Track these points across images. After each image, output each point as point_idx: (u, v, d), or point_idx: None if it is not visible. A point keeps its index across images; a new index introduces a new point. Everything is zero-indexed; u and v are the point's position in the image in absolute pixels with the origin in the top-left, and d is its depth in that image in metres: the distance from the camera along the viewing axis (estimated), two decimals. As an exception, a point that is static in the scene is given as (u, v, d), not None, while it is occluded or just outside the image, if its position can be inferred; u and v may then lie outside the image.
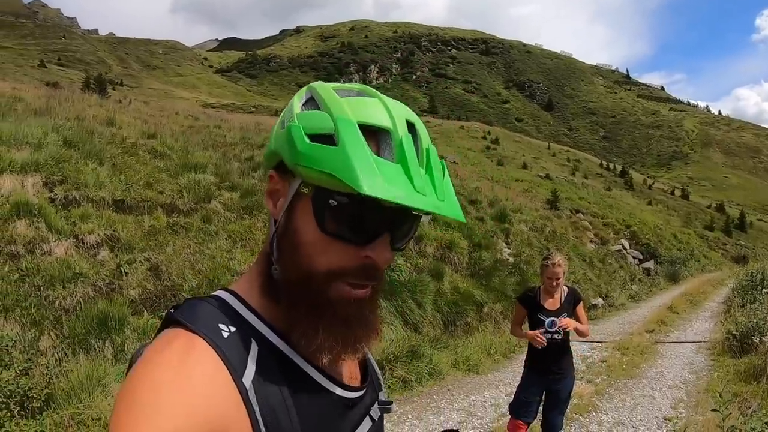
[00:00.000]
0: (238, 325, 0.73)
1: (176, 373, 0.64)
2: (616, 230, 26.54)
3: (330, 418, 0.78)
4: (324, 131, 0.68)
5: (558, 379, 3.93)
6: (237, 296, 0.78)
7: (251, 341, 0.72)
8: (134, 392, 0.62)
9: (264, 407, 0.69)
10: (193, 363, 0.65)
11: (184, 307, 0.74)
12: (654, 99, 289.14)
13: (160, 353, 0.67)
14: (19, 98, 12.03)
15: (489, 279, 11.34)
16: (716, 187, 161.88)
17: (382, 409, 0.91)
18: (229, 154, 12.12)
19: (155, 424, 0.59)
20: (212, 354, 0.67)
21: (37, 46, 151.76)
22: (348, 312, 0.73)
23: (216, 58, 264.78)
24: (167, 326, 0.73)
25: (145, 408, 0.60)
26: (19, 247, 5.44)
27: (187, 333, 0.69)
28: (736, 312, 10.49)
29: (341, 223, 0.70)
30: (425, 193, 0.67)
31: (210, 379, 0.65)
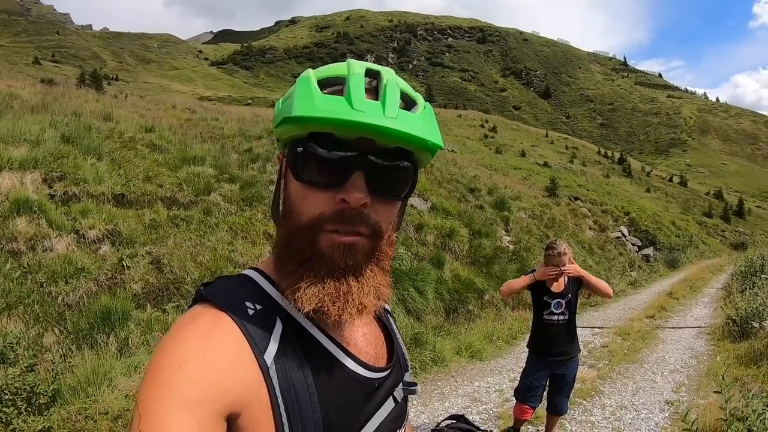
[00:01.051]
0: (264, 303, 0.75)
1: (201, 347, 0.67)
2: (615, 217, 26.56)
3: (351, 398, 0.78)
4: (289, 95, 0.75)
5: (564, 362, 3.94)
6: (264, 274, 0.80)
7: (276, 319, 0.74)
8: (160, 364, 0.65)
9: (284, 385, 0.70)
10: (217, 338, 0.68)
11: (213, 284, 0.77)
12: (652, 86, 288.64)
13: (187, 327, 0.70)
14: (15, 95, 11.95)
15: (489, 266, 11.36)
16: (714, 174, 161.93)
17: (406, 390, 0.91)
18: (227, 147, 12.09)
19: (178, 394, 0.62)
20: (236, 330, 0.70)
21: (30, 43, 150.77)
22: (336, 260, 0.73)
23: (211, 51, 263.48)
24: (197, 302, 0.75)
25: (169, 379, 0.63)
26: (20, 244, 5.43)
27: (213, 309, 0.72)
28: (735, 297, 10.53)
29: (312, 167, 0.72)
30: (363, 110, 0.68)
31: (233, 355, 0.68)
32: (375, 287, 0.76)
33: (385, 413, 0.85)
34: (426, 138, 0.72)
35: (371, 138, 0.71)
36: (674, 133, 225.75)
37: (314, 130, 0.70)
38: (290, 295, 0.73)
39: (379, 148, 0.72)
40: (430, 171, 16.55)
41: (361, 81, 0.72)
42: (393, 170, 0.75)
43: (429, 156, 0.78)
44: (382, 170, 0.73)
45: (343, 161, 0.71)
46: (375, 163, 0.72)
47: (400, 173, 0.76)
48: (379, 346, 0.90)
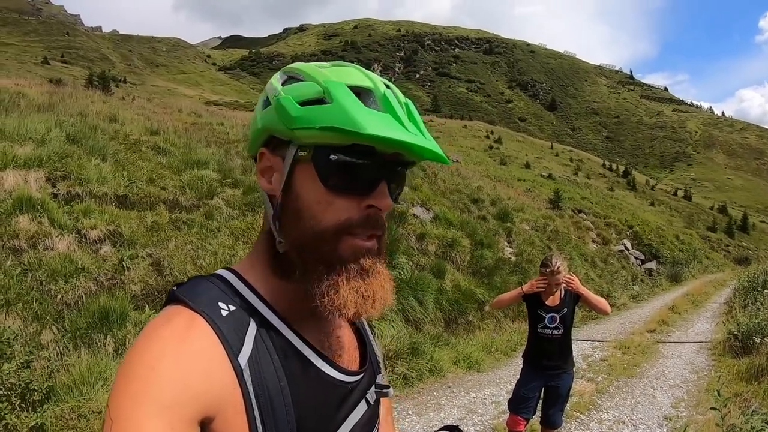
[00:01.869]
0: (238, 304, 0.74)
1: (174, 349, 0.65)
2: (618, 230, 26.53)
3: (325, 401, 0.78)
4: (313, 96, 0.73)
5: (557, 375, 3.90)
6: (238, 275, 0.79)
7: (249, 320, 0.73)
8: (133, 366, 0.64)
9: (258, 387, 0.70)
10: (192, 340, 0.67)
11: (186, 285, 0.76)
12: (657, 100, 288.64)
13: (161, 329, 0.68)
14: (23, 94, 12.01)
15: (491, 277, 11.34)
16: (719, 188, 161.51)
17: (378, 392, 0.91)
18: (231, 151, 12.11)
19: (151, 396, 0.61)
20: (210, 332, 0.69)
21: (40, 43, 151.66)
22: (362, 264, 0.75)
23: (219, 56, 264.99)
24: (170, 303, 0.74)
25: (142, 380, 0.62)
26: (21, 241, 5.45)
27: (187, 310, 0.71)
28: (737, 313, 10.47)
29: (343, 175, 0.72)
30: (416, 133, 0.72)
31: (207, 357, 0.67)
32: (389, 282, 0.79)
33: (359, 416, 0.84)
34: (446, 158, 0.77)
35: (403, 153, 0.75)
36: (679, 147, 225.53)
37: (360, 142, 0.71)
38: (329, 303, 0.73)
39: (401, 160, 0.76)
40: (433, 181, 16.58)
41: (394, 99, 0.75)
42: (402, 179, 0.80)
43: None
44: (397, 178, 0.78)
45: (376, 171, 0.74)
46: (397, 172, 0.77)
47: (403, 179, 0.81)
48: (352, 349, 0.90)
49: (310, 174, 0.74)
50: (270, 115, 0.76)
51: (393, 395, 0.98)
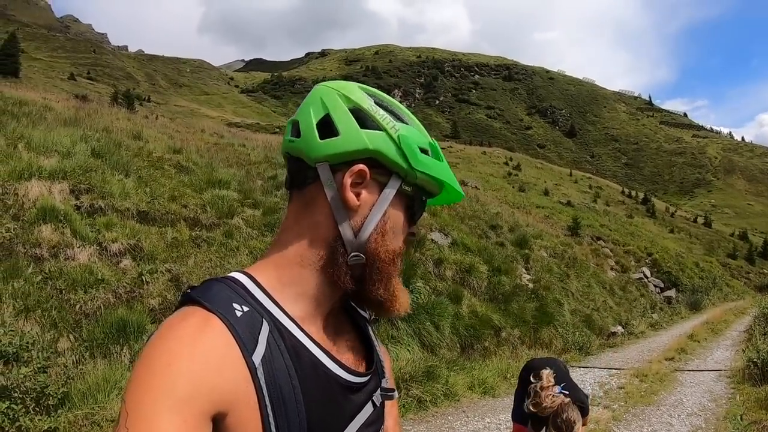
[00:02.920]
0: (251, 306, 0.76)
1: (190, 346, 0.68)
2: (637, 258, 26.20)
3: (334, 400, 0.80)
4: (424, 146, 0.87)
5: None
6: (252, 278, 0.81)
7: (263, 321, 0.76)
8: (149, 362, 0.66)
9: (271, 385, 0.72)
10: (207, 338, 0.69)
11: (201, 287, 0.78)
12: (677, 125, 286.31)
13: (176, 327, 0.71)
14: (50, 108, 12.32)
15: (508, 304, 11.24)
16: (739, 214, 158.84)
17: (384, 395, 0.93)
18: (252, 172, 12.26)
19: (166, 391, 0.63)
20: (225, 331, 0.71)
21: (67, 60, 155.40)
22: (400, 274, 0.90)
23: (242, 79, 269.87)
24: (184, 304, 0.76)
25: (158, 376, 0.64)
26: (43, 250, 5.56)
27: (202, 310, 0.73)
28: (757, 340, 10.25)
29: (419, 213, 0.90)
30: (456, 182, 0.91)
31: (221, 354, 0.69)
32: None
33: (365, 417, 0.87)
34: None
35: None
36: (699, 173, 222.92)
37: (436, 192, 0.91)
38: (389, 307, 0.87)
39: None
40: (452, 207, 16.56)
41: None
42: None
43: None
44: None
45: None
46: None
47: None
48: (359, 352, 0.92)
49: (402, 205, 0.86)
50: (384, 141, 0.83)
51: (397, 398, 1.00)
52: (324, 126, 0.83)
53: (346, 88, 0.86)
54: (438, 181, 0.87)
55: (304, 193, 0.85)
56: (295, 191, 0.87)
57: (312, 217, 0.84)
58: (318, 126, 0.83)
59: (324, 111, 0.84)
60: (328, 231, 0.83)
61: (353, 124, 0.82)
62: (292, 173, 0.87)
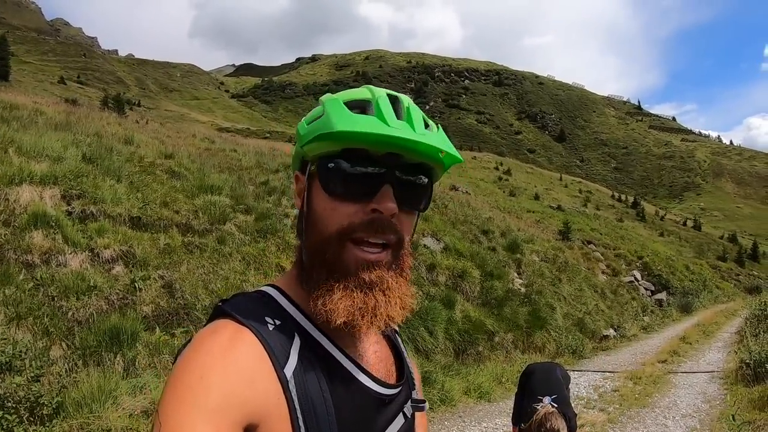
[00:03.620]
0: (283, 319, 0.77)
1: (222, 359, 0.68)
2: (628, 261, 26.34)
3: (365, 412, 0.80)
4: (317, 115, 0.80)
5: None
6: (281, 291, 0.82)
7: (294, 334, 0.76)
8: (182, 374, 0.67)
9: (302, 398, 0.72)
10: (239, 351, 0.69)
11: (233, 300, 0.79)
12: (665, 130, 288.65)
13: (209, 340, 0.71)
14: (40, 112, 12.22)
15: (501, 308, 11.27)
16: (728, 217, 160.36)
17: (414, 407, 0.93)
18: (244, 178, 12.22)
19: (199, 403, 0.63)
20: (257, 344, 0.71)
21: (57, 63, 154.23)
22: (364, 275, 0.76)
23: (232, 83, 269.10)
24: (216, 317, 0.77)
25: (191, 388, 0.65)
26: (35, 256, 5.50)
27: (234, 323, 0.73)
28: (749, 341, 10.34)
29: (342, 181, 0.77)
30: (398, 127, 0.75)
31: (254, 367, 0.69)
32: (400, 298, 0.80)
33: (396, 429, 0.86)
34: (450, 151, 0.79)
35: (400, 153, 0.77)
36: (688, 177, 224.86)
37: (349, 146, 0.75)
38: (321, 306, 0.75)
39: (404, 164, 0.78)
40: (444, 212, 16.58)
41: (387, 102, 0.78)
42: (415, 184, 0.81)
43: (442, 171, 0.85)
44: (406, 184, 0.79)
45: (374, 176, 0.77)
46: (401, 177, 0.78)
47: (420, 187, 0.82)
48: (389, 364, 0.92)
49: (318, 185, 0.80)
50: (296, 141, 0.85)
51: (427, 409, 1.00)
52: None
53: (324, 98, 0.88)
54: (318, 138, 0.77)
55: None
56: None
57: None
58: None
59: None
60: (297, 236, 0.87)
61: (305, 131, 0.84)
62: None
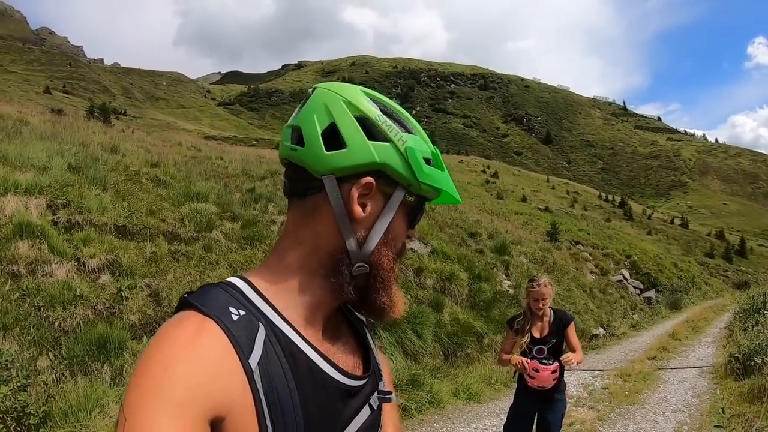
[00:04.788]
0: (248, 309, 0.76)
1: (187, 350, 0.68)
2: (616, 261, 26.52)
3: (331, 403, 0.81)
4: (427, 156, 0.87)
5: (548, 404, 3.83)
6: (249, 283, 0.82)
7: (259, 325, 0.76)
8: (147, 367, 0.67)
9: (268, 388, 0.72)
10: (203, 342, 0.69)
11: (198, 291, 0.79)
12: (651, 129, 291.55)
13: (173, 332, 0.71)
14: (25, 122, 12.09)
15: (489, 310, 11.27)
16: (715, 214, 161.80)
17: (381, 398, 0.94)
18: (230, 185, 12.16)
19: (164, 396, 0.63)
20: (222, 335, 0.71)
21: (42, 73, 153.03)
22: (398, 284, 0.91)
23: (218, 91, 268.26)
24: (181, 309, 0.76)
25: (156, 380, 0.65)
26: (20, 267, 5.45)
27: (199, 315, 0.73)
28: (738, 335, 10.43)
29: (419, 219, 0.91)
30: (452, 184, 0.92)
31: (218, 358, 0.69)
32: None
33: (362, 420, 0.87)
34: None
35: None
36: (674, 176, 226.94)
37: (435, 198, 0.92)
38: (389, 304, 0.87)
39: None
40: (431, 216, 16.61)
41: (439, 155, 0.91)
42: None
43: None
44: None
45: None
46: None
47: None
48: (356, 355, 0.92)
49: (403, 213, 0.87)
50: (391, 154, 0.82)
51: (395, 401, 1.01)
52: (330, 136, 0.82)
53: (351, 94, 0.85)
54: (438, 190, 0.89)
55: (305, 202, 0.84)
56: (295, 199, 0.86)
57: (314, 227, 0.84)
58: (323, 136, 0.81)
59: (329, 120, 0.82)
60: (331, 241, 0.83)
61: (361, 135, 0.81)
62: (293, 181, 0.86)
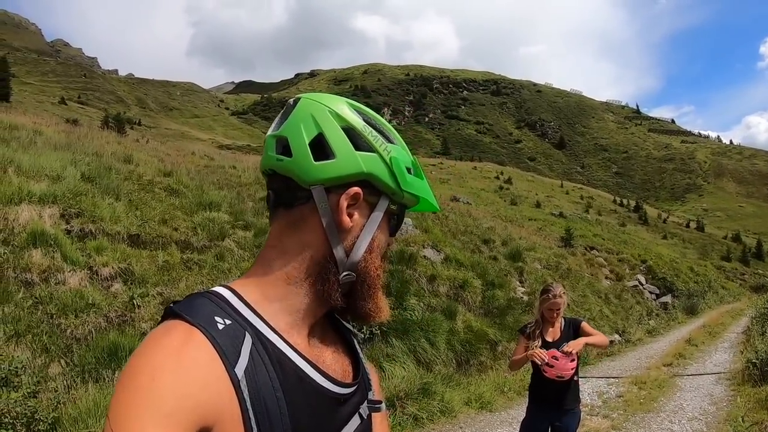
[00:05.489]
0: (233, 318, 0.76)
1: (173, 360, 0.67)
2: (631, 266, 26.25)
3: (320, 412, 0.80)
4: (408, 165, 0.89)
5: (562, 414, 3.74)
6: (234, 292, 0.81)
7: (245, 334, 0.75)
8: (133, 376, 0.66)
9: (254, 397, 0.71)
10: (190, 351, 0.69)
11: (183, 301, 0.78)
12: (665, 132, 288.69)
13: (159, 341, 0.70)
14: (40, 132, 12.26)
15: (503, 317, 11.19)
16: (731, 217, 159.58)
17: (371, 407, 0.93)
18: (243, 194, 12.22)
19: (151, 406, 0.63)
20: (208, 344, 0.70)
21: (58, 84, 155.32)
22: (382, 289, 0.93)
23: (232, 101, 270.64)
24: (167, 318, 0.76)
25: (142, 391, 0.64)
26: (33, 275, 5.52)
27: (184, 324, 0.72)
28: (756, 340, 10.23)
29: (399, 226, 0.94)
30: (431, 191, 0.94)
31: (205, 368, 0.69)
32: None
33: (352, 429, 0.86)
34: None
35: None
36: (689, 178, 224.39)
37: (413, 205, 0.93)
38: (374, 309, 0.89)
39: None
40: (444, 223, 16.58)
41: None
42: None
43: None
44: None
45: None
46: None
47: None
48: (345, 363, 0.92)
49: (386, 221, 0.90)
50: (377, 164, 0.85)
51: (385, 410, 1.00)
52: (317, 146, 0.82)
53: (337, 105, 0.86)
54: (418, 198, 0.91)
55: (292, 212, 0.85)
56: (281, 209, 0.87)
57: (300, 236, 0.84)
58: (311, 146, 0.82)
59: (317, 130, 0.83)
60: (319, 250, 0.84)
61: (348, 146, 0.83)
62: (279, 192, 0.87)
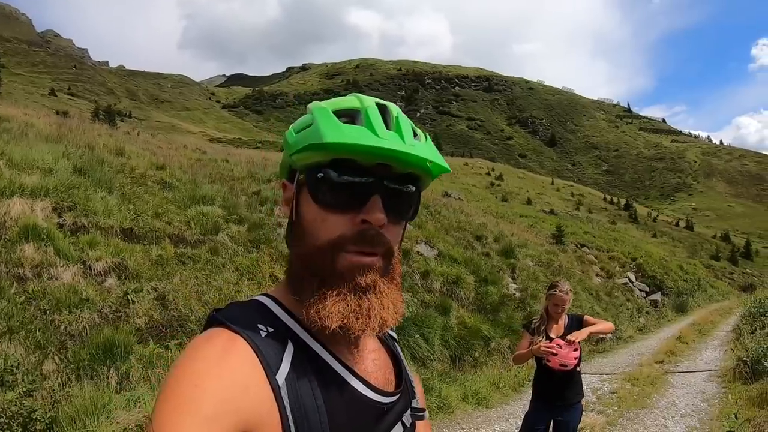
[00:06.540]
0: (275, 327, 0.77)
1: (216, 367, 0.68)
2: (621, 263, 26.41)
3: (361, 420, 0.79)
4: (305, 123, 0.80)
5: (565, 409, 3.80)
6: (274, 300, 0.82)
7: (287, 341, 0.76)
8: (176, 383, 0.67)
9: (294, 405, 0.71)
10: (232, 358, 0.70)
11: (226, 309, 0.79)
12: (656, 131, 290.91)
13: (202, 348, 0.71)
14: (31, 124, 12.12)
15: (496, 314, 11.27)
16: (721, 216, 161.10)
17: (414, 415, 0.92)
18: (236, 188, 12.18)
19: (193, 410, 0.63)
20: (250, 351, 0.71)
21: (48, 75, 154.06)
22: (357, 279, 0.76)
23: (223, 94, 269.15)
24: (210, 326, 0.77)
25: (186, 396, 0.65)
26: (26, 270, 5.45)
27: (228, 331, 0.73)
28: (745, 339, 10.35)
29: (332, 192, 0.77)
30: (388, 138, 0.74)
31: (247, 374, 0.69)
32: (393, 302, 0.80)
33: None
34: (438, 162, 0.78)
35: (390, 164, 0.77)
36: (679, 178, 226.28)
37: (339, 156, 0.75)
38: (315, 313, 0.75)
39: (393, 173, 0.77)
40: (437, 218, 16.61)
41: (377, 112, 0.78)
42: (403, 194, 0.81)
43: (430, 179, 0.84)
44: (394, 194, 0.79)
45: (363, 186, 0.76)
46: (390, 187, 0.78)
47: (408, 196, 0.82)
48: (387, 371, 0.91)
49: (308, 194, 0.79)
50: (284, 150, 0.85)
51: (428, 418, 0.99)
52: None
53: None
54: (307, 149, 0.76)
55: None
56: None
57: None
58: None
59: None
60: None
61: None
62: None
